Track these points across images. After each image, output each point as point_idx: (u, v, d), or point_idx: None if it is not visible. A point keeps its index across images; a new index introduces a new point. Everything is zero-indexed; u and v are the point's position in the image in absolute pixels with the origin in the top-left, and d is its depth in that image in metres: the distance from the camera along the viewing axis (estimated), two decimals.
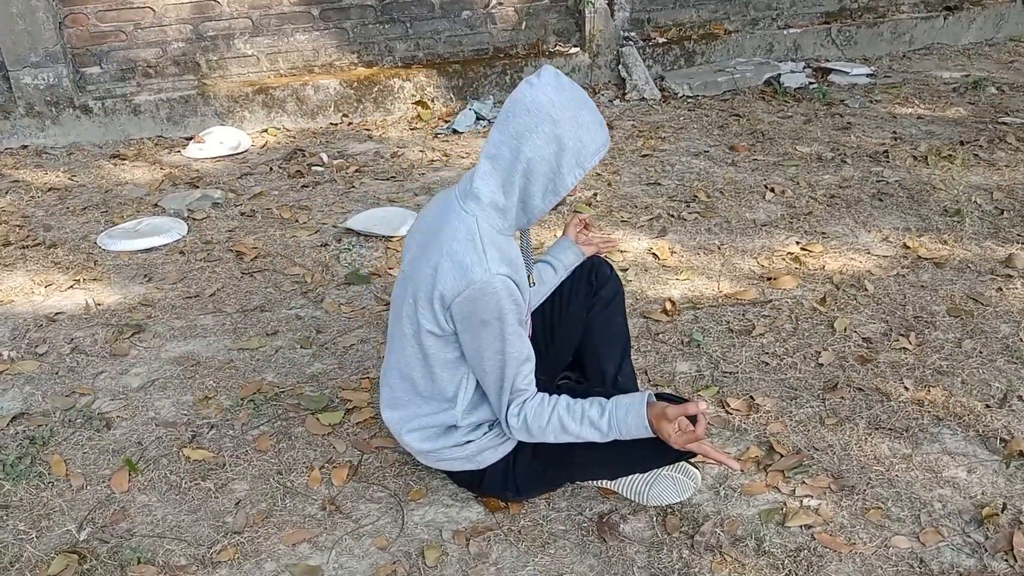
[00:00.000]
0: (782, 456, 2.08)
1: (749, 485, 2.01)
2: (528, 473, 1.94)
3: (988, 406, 2.21)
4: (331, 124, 4.76)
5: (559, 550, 1.88)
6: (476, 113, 4.69)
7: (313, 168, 4.15)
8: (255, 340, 2.73)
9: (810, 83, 4.89)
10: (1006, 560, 1.76)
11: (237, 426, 2.33)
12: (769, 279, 2.88)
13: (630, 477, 1.98)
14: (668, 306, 2.74)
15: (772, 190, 3.54)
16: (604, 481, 2.03)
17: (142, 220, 3.63)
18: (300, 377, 2.54)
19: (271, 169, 4.16)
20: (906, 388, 2.30)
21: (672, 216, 3.38)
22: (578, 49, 5.06)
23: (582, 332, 2.17)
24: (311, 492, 2.10)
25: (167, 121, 4.66)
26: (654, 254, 3.08)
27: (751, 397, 2.30)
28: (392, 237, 3.37)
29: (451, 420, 1.89)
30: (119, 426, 2.36)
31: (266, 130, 4.70)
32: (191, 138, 4.56)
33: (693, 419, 1.75)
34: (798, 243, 3.11)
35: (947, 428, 2.15)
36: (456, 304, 1.72)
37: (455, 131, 4.59)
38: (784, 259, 3.01)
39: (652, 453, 1.83)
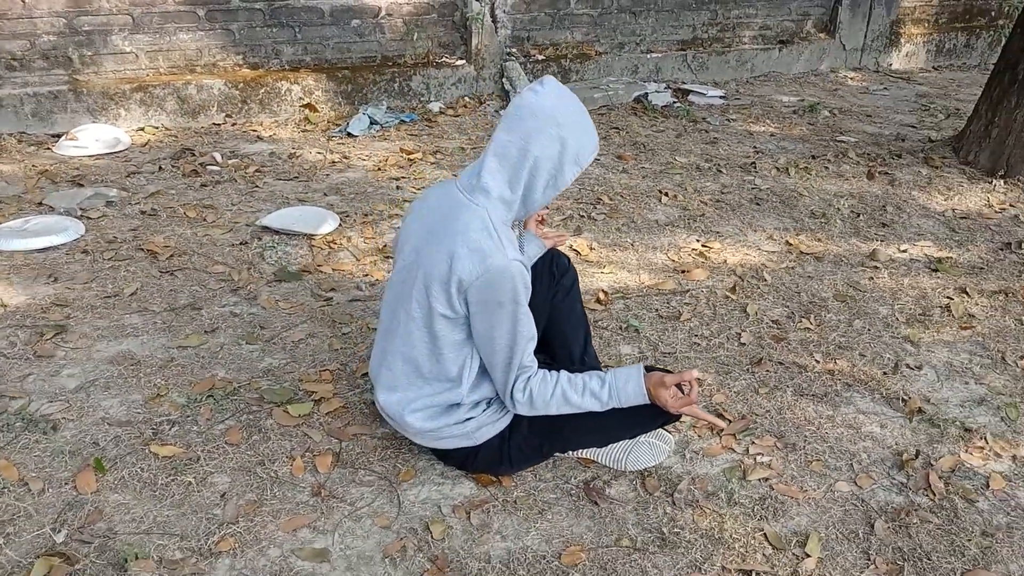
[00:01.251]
0: (730, 421, 2.31)
1: (708, 448, 2.22)
2: (523, 446, 2.05)
3: (885, 373, 2.56)
4: (214, 124, 4.61)
5: (556, 515, 2.00)
6: (370, 118, 4.71)
7: (208, 168, 4.02)
8: (194, 338, 2.65)
9: (674, 102, 5.29)
10: (927, 495, 2.07)
11: (201, 421, 2.27)
12: (682, 271, 3.14)
13: (610, 445, 2.14)
14: (602, 296, 2.93)
15: (666, 194, 3.83)
16: (584, 452, 2.17)
17: (30, 219, 3.39)
18: (253, 372, 2.50)
19: (160, 168, 3.99)
20: (817, 361, 2.61)
21: (583, 216, 3.59)
22: (464, 62, 5.19)
23: (547, 318, 2.31)
24: (298, 480, 2.09)
25: (32, 117, 4.34)
26: (576, 251, 3.27)
27: (669, 371, 2.51)
28: (314, 235, 3.35)
29: (456, 399, 1.97)
30: (67, 428, 2.23)
31: (143, 128, 4.49)
32: (60, 135, 4.28)
33: (679, 386, 1.94)
34: (698, 240, 3.40)
35: (856, 392, 2.47)
36: (474, 288, 1.81)
37: (350, 134, 4.59)
38: (690, 255, 3.28)
39: (642, 419, 1.99)
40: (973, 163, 4.19)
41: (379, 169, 4.11)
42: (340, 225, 3.46)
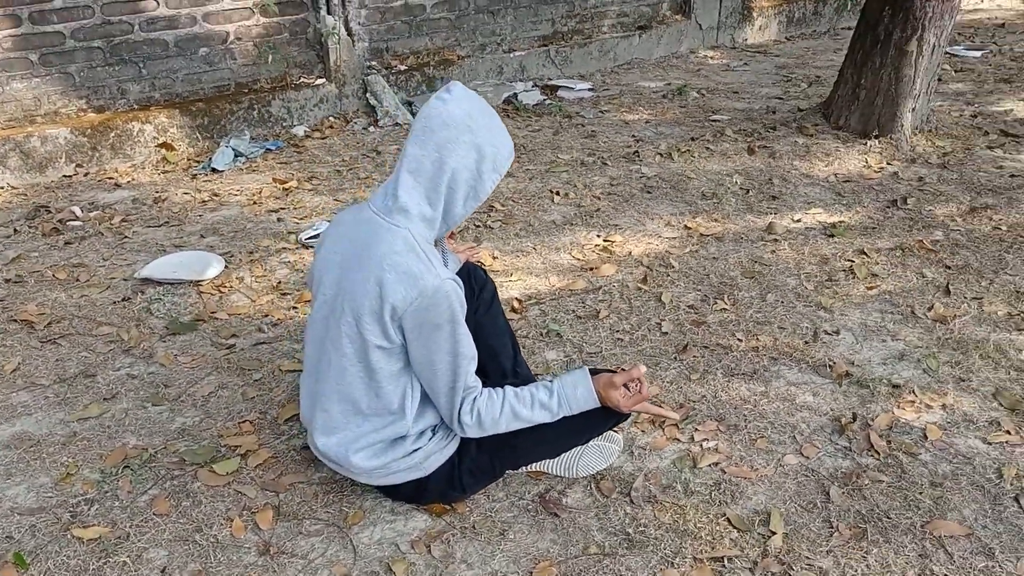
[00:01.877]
0: (680, 407, 2.39)
1: (654, 441, 2.30)
2: (474, 469, 2.05)
3: (806, 342, 2.72)
4: (65, 176, 4.37)
5: (518, 534, 2.02)
6: (234, 150, 4.58)
7: (69, 224, 3.81)
8: (93, 407, 2.52)
9: (544, 99, 5.41)
10: (871, 456, 2.22)
11: (122, 495, 2.16)
12: (590, 269, 3.22)
13: (560, 455, 2.17)
14: (516, 304, 2.97)
15: (557, 194, 3.92)
16: (535, 465, 2.19)
17: None
18: (167, 435, 2.40)
19: (16, 231, 3.75)
20: (739, 340, 2.74)
21: (479, 226, 3.62)
22: (324, 80, 5.12)
23: (472, 334, 2.32)
24: (241, 541, 2.03)
25: None
26: (479, 262, 3.29)
27: (621, 369, 2.59)
28: (200, 281, 3.24)
29: (401, 431, 1.95)
30: None
31: None
32: None
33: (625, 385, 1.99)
34: (599, 236, 3.50)
35: (783, 365, 2.61)
36: (409, 313, 1.80)
37: (215, 169, 4.44)
38: (594, 251, 3.37)
39: (593, 423, 2.04)
40: (845, 127, 4.49)
41: (254, 203, 4.01)
42: (226, 267, 3.36)
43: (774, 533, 1.97)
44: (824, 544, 1.95)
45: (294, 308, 3.06)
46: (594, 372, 2.01)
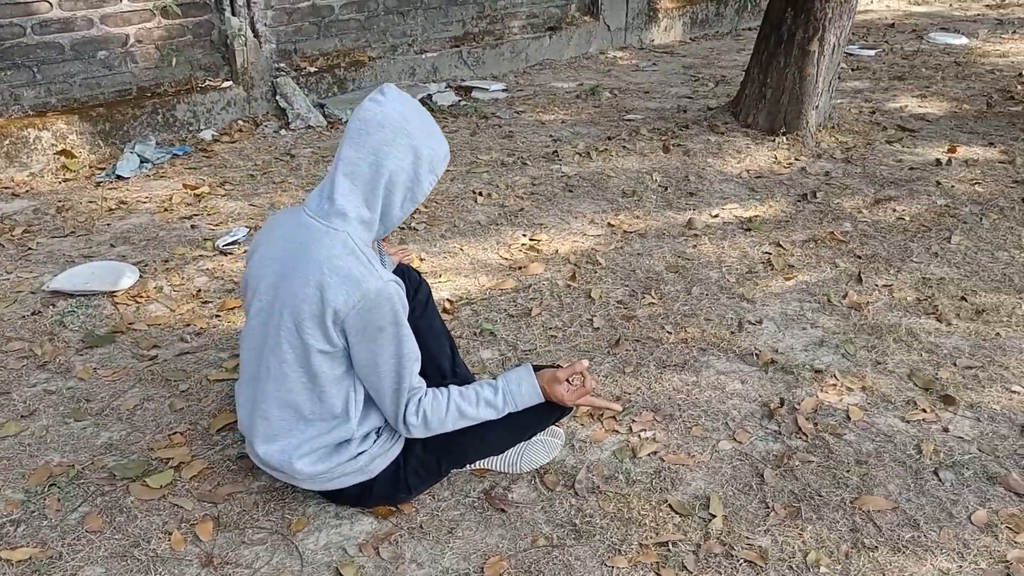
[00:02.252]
0: (619, 399, 2.47)
1: (594, 434, 2.37)
2: (419, 469, 2.08)
3: (732, 333, 2.85)
4: None
5: (466, 531, 2.06)
6: (140, 156, 4.46)
7: None
8: (10, 426, 2.44)
9: (459, 100, 5.46)
10: (800, 438, 2.35)
11: (50, 514, 2.11)
12: (519, 268, 3.29)
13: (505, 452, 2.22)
14: (447, 305, 3.01)
15: (480, 194, 3.97)
16: (479, 462, 2.23)
17: None
18: (93, 450, 2.35)
19: None
20: (669, 333, 2.85)
21: (404, 228, 3.64)
22: (231, 83, 5.04)
23: None
24: (182, 554, 2.01)
25: None
26: (411, 264, 3.31)
27: (558, 365, 2.66)
28: (115, 292, 3.16)
29: (346, 435, 1.96)
30: None
31: None
32: None
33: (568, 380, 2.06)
34: (524, 235, 3.57)
35: (712, 355, 2.73)
36: (352, 316, 1.81)
37: (120, 176, 4.32)
38: (521, 250, 3.44)
39: (538, 418, 2.09)
40: (753, 125, 4.70)
41: (165, 210, 3.92)
42: (141, 277, 3.28)
43: (714, 516, 2.07)
44: (762, 524, 2.05)
45: (217, 316, 3.02)
46: (536, 368, 2.07)
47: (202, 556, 2.00)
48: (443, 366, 2.34)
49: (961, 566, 1.94)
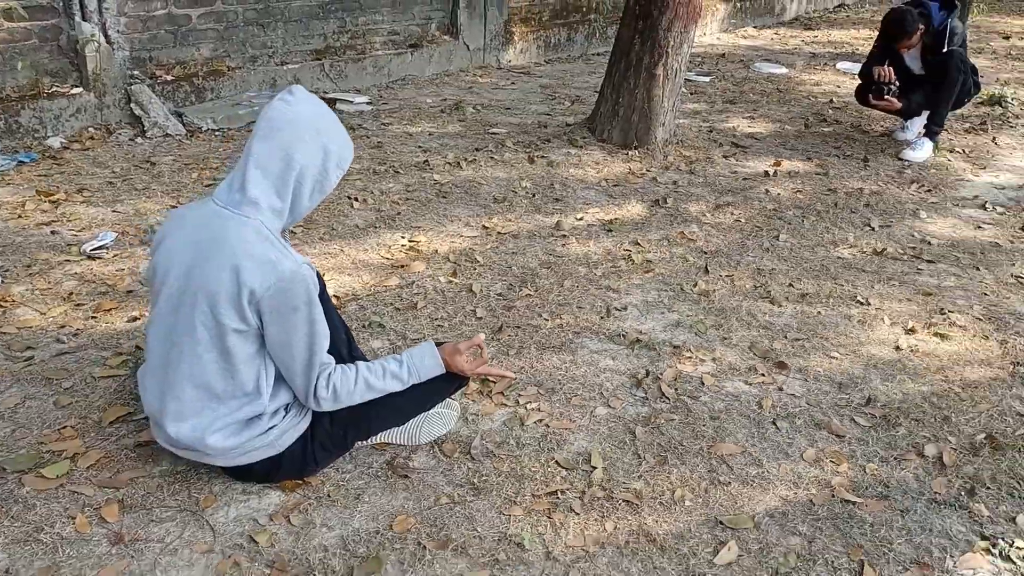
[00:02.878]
0: (495, 382, 2.71)
1: (484, 408, 2.60)
2: (326, 443, 2.24)
3: (601, 318, 3.16)
4: None
5: (372, 496, 2.24)
6: None
7: None
8: None
9: None
10: (663, 402, 2.67)
11: None
12: (401, 267, 3.49)
13: (404, 424, 2.41)
14: (335, 301, 3.16)
15: (355, 200, 4.14)
16: (380, 437, 2.41)
17: None
18: None
19: None
20: (546, 320, 3.13)
21: (280, 234, 3.75)
22: (81, 89, 4.98)
23: None
24: (89, 535, 2.08)
25: None
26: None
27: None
28: None
29: (258, 410, 2.10)
30: None
31: None
32: None
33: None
34: (403, 237, 3.77)
35: (585, 338, 3.03)
36: (267, 297, 1.97)
37: None
38: (401, 251, 3.64)
39: (438, 389, 2.31)
40: (608, 139, 5.11)
41: (19, 216, 3.86)
42: (3, 282, 3.25)
43: (595, 468, 2.35)
44: (636, 471, 2.35)
45: (93, 318, 3.04)
46: (437, 344, 2.28)
47: (110, 535, 2.07)
48: (341, 352, 2.48)
49: (796, 492, 2.32)
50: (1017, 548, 2.16)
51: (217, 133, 5.13)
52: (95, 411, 2.53)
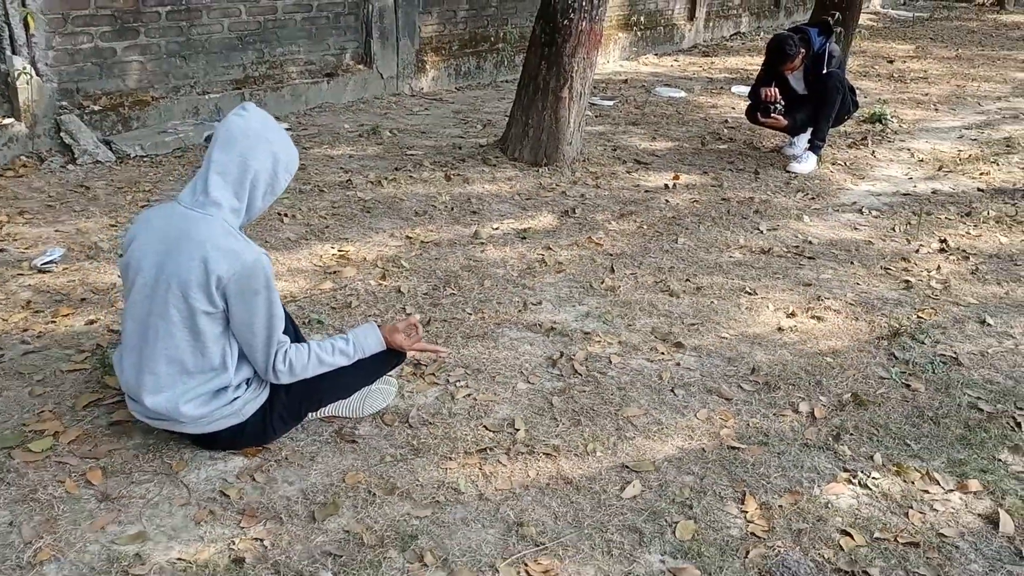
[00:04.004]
0: (427, 365, 3.17)
1: (418, 386, 3.06)
2: (283, 414, 2.65)
3: (519, 311, 3.65)
4: None
5: (324, 458, 2.66)
6: None
7: None
8: None
9: None
10: (577, 377, 3.17)
11: None
12: (333, 272, 3.92)
13: (348, 400, 2.84)
14: None
15: (285, 215, 4.56)
16: (327, 411, 2.84)
17: None
18: None
19: None
20: (469, 314, 3.61)
21: None
22: (13, 120, 5.27)
23: None
24: (78, 495, 2.44)
25: None
26: None
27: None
28: None
29: (224, 382, 2.50)
30: None
31: None
32: None
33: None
34: (333, 247, 4.21)
35: (505, 328, 3.51)
36: (232, 282, 2.38)
37: None
38: (333, 259, 4.08)
39: (379, 364, 2.74)
40: (520, 158, 5.65)
41: None
42: None
43: (518, 430, 2.82)
44: (553, 431, 2.84)
45: (52, 322, 3.37)
46: (379, 326, 2.73)
47: (97, 495, 2.45)
48: (289, 336, 2.93)
49: (690, 443, 2.84)
50: (873, 479, 2.70)
51: (145, 159, 5.47)
52: (68, 398, 2.88)
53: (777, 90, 5.77)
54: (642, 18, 10.50)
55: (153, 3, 5.90)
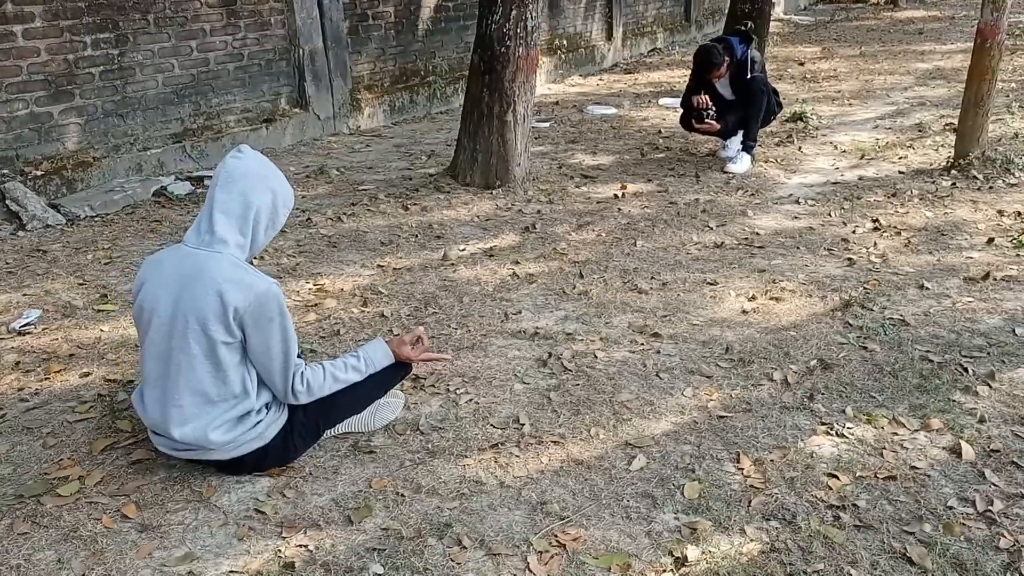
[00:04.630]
0: (425, 378, 3.40)
1: (422, 397, 3.27)
2: (303, 432, 2.85)
3: (502, 321, 3.91)
4: None
5: (348, 469, 2.87)
6: None
7: None
8: None
9: (194, 189, 6.14)
10: (567, 374, 3.43)
11: None
12: (315, 305, 4.12)
13: (358, 416, 3.04)
14: None
15: (254, 258, 4.73)
16: (340, 428, 3.04)
17: None
18: None
19: None
20: (455, 328, 3.85)
21: None
22: None
23: None
24: (117, 529, 2.60)
25: None
26: None
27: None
28: None
29: (248, 407, 2.69)
30: None
31: None
32: None
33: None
34: (308, 282, 4.41)
35: (492, 338, 3.76)
36: (248, 312, 2.58)
37: None
38: (311, 293, 4.28)
39: (389, 377, 2.96)
40: (471, 183, 5.93)
41: None
42: None
43: (524, 425, 3.07)
44: (557, 422, 3.09)
45: (46, 379, 3.50)
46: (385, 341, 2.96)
47: (136, 526, 2.60)
48: None
49: (683, 417, 3.13)
50: (848, 428, 3.02)
51: (96, 219, 5.58)
52: (83, 445, 3.02)
53: (707, 97, 6.19)
54: (564, 41, 10.94)
55: (85, 65, 6.04)
